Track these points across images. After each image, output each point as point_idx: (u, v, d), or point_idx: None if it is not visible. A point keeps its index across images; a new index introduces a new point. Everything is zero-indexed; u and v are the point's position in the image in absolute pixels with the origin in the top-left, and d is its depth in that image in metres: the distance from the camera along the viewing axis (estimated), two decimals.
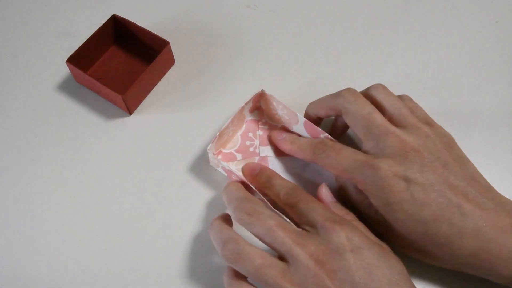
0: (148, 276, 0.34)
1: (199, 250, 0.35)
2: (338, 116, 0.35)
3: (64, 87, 0.43)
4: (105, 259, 0.35)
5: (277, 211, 0.31)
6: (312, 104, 0.37)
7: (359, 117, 0.31)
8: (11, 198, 0.38)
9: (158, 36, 0.41)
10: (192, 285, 0.34)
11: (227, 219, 0.32)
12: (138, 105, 0.42)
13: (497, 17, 0.47)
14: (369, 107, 0.32)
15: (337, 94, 0.34)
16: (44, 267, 0.35)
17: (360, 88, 0.35)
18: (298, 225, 0.30)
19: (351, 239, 0.27)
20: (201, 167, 0.39)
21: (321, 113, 0.36)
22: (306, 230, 0.29)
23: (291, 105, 0.40)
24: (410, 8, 0.48)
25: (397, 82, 0.43)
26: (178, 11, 0.48)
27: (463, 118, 0.41)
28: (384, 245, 0.29)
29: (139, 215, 0.37)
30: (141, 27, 0.42)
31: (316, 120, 0.37)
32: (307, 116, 0.38)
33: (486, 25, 0.47)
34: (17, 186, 0.38)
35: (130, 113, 0.41)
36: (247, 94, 0.42)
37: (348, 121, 0.33)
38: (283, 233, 0.28)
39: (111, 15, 0.42)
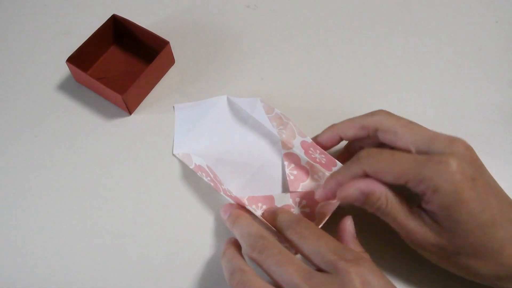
0: (148, 276, 0.34)
1: (200, 249, 0.35)
2: (363, 138, 0.34)
3: (64, 87, 0.43)
4: (105, 259, 0.35)
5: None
6: (337, 124, 0.35)
7: (404, 127, 0.31)
8: (11, 198, 0.38)
9: (158, 36, 0.41)
10: (192, 284, 0.34)
11: (240, 247, 0.31)
12: (138, 105, 0.42)
13: (497, 17, 0.47)
14: (408, 120, 0.32)
15: (371, 113, 0.33)
16: (44, 265, 0.35)
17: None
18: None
19: (368, 283, 0.25)
20: None
21: (349, 132, 0.34)
22: (319, 269, 0.27)
23: (291, 106, 0.40)
24: (410, 9, 0.48)
25: (396, 81, 0.43)
26: (178, 11, 0.48)
27: (462, 118, 0.41)
28: None
29: (139, 214, 0.37)
30: (141, 27, 0.42)
31: (335, 142, 0.35)
32: (326, 136, 0.35)
33: (486, 25, 0.47)
34: (17, 186, 0.38)
35: (130, 113, 0.41)
36: (247, 94, 0.42)
37: (386, 137, 0.32)
38: (292, 270, 0.26)
39: (111, 15, 0.42)
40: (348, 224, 0.32)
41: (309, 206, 0.35)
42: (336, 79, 0.44)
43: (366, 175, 0.30)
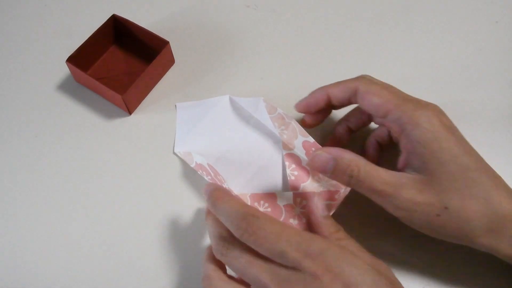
0: (149, 275, 0.34)
1: (200, 248, 0.35)
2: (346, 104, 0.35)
3: (64, 87, 0.43)
4: (104, 258, 0.35)
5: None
6: (326, 86, 0.35)
7: (383, 88, 0.32)
8: (11, 197, 0.38)
9: (158, 36, 0.41)
10: (192, 284, 0.34)
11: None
12: (138, 105, 0.42)
13: (497, 17, 0.47)
14: (385, 83, 0.33)
15: (356, 77, 0.34)
16: (45, 265, 0.35)
17: None
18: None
19: (336, 276, 0.24)
20: None
21: (335, 91, 0.34)
22: (279, 264, 0.26)
23: (291, 106, 0.40)
24: (410, 9, 0.48)
25: (396, 83, 0.43)
26: (178, 11, 0.48)
27: (463, 118, 0.41)
28: (381, 265, 0.27)
29: (139, 214, 0.37)
30: (141, 27, 0.42)
31: (323, 102, 0.35)
32: (315, 95, 0.35)
33: (486, 25, 0.47)
34: (17, 186, 0.38)
35: (130, 113, 0.41)
36: (247, 94, 0.42)
37: (366, 97, 0.32)
38: (257, 270, 0.26)
39: (111, 15, 0.42)
40: (316, 203, 0.30)
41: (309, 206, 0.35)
42: (336, 78, 0.43)
43: (355, 94, 0.32)
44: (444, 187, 0.28)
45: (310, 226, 0.30)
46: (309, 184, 0.37)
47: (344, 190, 0.35)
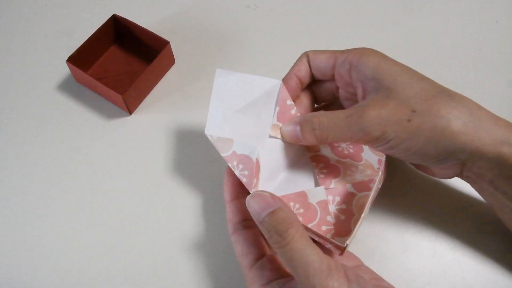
0: (149, 275, 0.34)
1: (199, 247, 0.35)
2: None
3: (64, 87, 0.43)
4: (105, 257, 0.35)
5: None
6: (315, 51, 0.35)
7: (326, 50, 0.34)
8: (11, 197, 0.38)
9: (158, 36, 0.41)
10: (194, 283, 0.34)
11: None
12: (138, 105, 0.42)
13: (497, 17, 0.47)
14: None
15: (299, 57, 0.35)
16: (42, 264, 0.35)
17: None
18: None
19: None
20: (201, 166, 0.39)
21: (322, 57, 0.34)
22: None
23: None
24: (411, 9, 0.48)
25: None
26: (178, 11, 0.48)
27: None
28: None
29: (139, 214, 0.37)
30: (141, 27, 0.42)
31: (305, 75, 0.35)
32: (302, 61, 0.35)
33: (486, 25, 0.47)
34: (17, 185, 0.38)
35: (130, 113, 0.42)
36: None
37: (315, 60, 0.34)
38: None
39: (111, 15, 0.42)
40: None
41: (344, 202, 0.32)
42: None
43: (309, 66, 0.34)
44: (404, 95, 0.29)
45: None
46: (340, 180, 0.34)
47: (378, 177, 0.32)
